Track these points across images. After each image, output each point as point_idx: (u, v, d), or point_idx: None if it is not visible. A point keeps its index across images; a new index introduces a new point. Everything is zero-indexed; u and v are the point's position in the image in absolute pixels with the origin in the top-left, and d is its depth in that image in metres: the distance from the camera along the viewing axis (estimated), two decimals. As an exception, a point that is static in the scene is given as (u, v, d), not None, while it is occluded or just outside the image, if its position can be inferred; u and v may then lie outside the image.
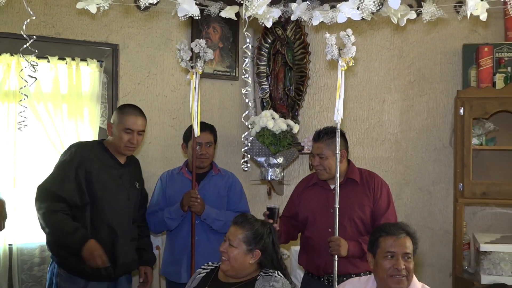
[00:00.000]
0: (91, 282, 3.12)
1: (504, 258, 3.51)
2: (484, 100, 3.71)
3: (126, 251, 3.18)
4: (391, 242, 2.51)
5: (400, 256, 2.48)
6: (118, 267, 3.14)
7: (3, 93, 3.49)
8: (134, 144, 3.22)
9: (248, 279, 2.69)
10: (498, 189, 3.72)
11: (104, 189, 3.12)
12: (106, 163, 3.19)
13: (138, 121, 3.22)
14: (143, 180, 3.45)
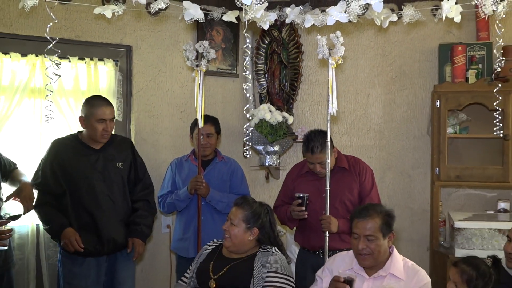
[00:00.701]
0: (87, 258, 3.12)
1: (475, 234, 3.52)
2: (458, 94, 3.70)
3: (109, 229, 3.13)
4: (356, 224, 2.52)
5: (362, 237, 2.48)
6: (105, 244, 3.12)
7: (29, 90, 3.48)
8: (109, 131, 3.18)
9: (249, 255, 2.70)
10: (470, 173, 3.72)
11: (78, 176, 3.10)
12: (80, 152, 3.16)
13: (108, 110, 3.17)
14: (133, 159, 3.33)
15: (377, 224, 2.47)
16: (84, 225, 3.09)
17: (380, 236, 2.47)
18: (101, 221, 3.11)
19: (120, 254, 3.26)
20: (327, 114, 3.01)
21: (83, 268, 3.12)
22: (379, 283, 2.49)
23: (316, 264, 3.04)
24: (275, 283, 2.54)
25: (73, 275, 3.13)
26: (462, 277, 2.30)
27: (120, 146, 3.31)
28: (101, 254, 3.15)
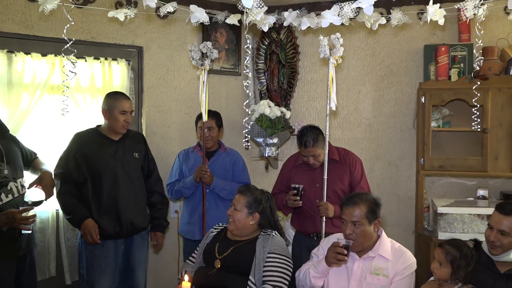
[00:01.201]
0: (107, 241, 3.14)
1: (456, 219, 3.52)
2: (441, 91, 3.69)
3: (128, 213, 3.15)
4: (344, 211, 2.54)
5: (349, 223, 2.49)
6: (124, 227, 3.14)
7: (49, 87, 3.48)
8: (129, 122, 3.22)
9: (251, 237, 2.72)
10: (452, 163, 3.72)
11: (100, 165, 3.11)
12: (101, 143, 3.17)
13: (128, 103, 3.21)
14: (146, 152, 3.35)
15: (362, 211, 2.48)
16: (105, 210, 3.10)
17: (366, 222, 2.48)
18: (121, 206, 3.13)
19: (136, 237, 3.27)
20: (326, 109, 3.03)
21: (103, 249, 3.13)
22: (369, 263, 2.50)
23: (310, 246, 3.05)
24: (275, 263, 2.55)
25: (94, 256, 3.14)
26: (446, 258, 2.31)
27: (135, 139, 3.33)
28: (120, 236, 3.17)
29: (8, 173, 2.90)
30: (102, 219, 3.09)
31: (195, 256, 2.83)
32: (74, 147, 3.14)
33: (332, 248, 2.46)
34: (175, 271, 3.97)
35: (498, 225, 2.34)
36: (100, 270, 3.14)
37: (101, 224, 3.08)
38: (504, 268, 2.36)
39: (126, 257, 3.27)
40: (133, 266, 3.28)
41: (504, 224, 2.32)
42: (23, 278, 3.05)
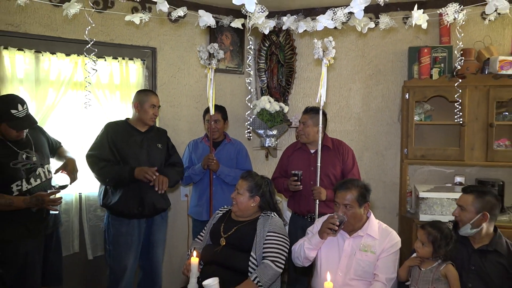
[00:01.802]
0: (132, 220, 3.16)
1: (436, 202, 3.52)
2: (424, 88, 3.68)
3: (151, 195, 3.17)
4: (337, 194, 2.54)
5: (341, 205, 2.49)
6: (146, 207, 3.16)
7: (72, 84, 3.47)
8: (157, 115, 3.29)
9: (252, 218, 2.73)
10: (432, 153, 3.72)
11: (127, 151, 3.14)
12: (129, 133, 3.21)
13: (156, 99, 3.27)
14: (167, 143, 3.38)
15: (354, 195, 2.48)
16: (131, 192, 3.12)
17: (356, 205, 2.48)
18: (144, 189, 3.14)
19: (157, 217, 3.30)
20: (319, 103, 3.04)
21: (129, 228, 3.17)
22: (358, 241, 2.51)
23: (304, 226, 3.06)
24: (274, 241, 2.56)
25: (120, 233, 3.17)
26: (428, 238, 2.31)
27: (158, 133, 3.37)
28: (143, 216, 3.19)
29: (36, 160, 2.92)
30: (127, 200, 3.12)
31: (203, 235, 2.84)
32: (106, 132, 3.18)
33: (327, 220, 2.47)
34: (185, 248, 3.99)
35: (459, 201, 2.41)
36: (126, 246, 3.18)
37: (127, 205, 3.11)
38: (477, 244, 2.38)
39: (147, 235, 3.30)
40: (154, 243, 3.32)
41: (461, 200, 2.39)
42: (50, 253, 3.07)
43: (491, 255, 2.33)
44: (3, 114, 2.74)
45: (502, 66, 3.48)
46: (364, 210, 2.52)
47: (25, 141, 2.90)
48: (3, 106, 2.75)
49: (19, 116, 2.77)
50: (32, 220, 2.88)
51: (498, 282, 2.27)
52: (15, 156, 2.82)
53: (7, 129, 2.77)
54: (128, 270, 3.21)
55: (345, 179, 2.74)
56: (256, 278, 2.46)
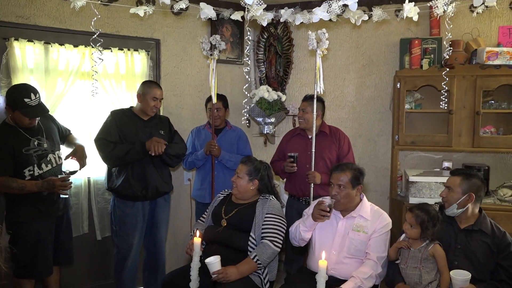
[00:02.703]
0: (136, 202, 3.19)
1: (425, 186, 3.54)
2: (414, 78, 3.67)
3: (154, 179, 3.19)
4: (332, 175, 2.56)
5: (335, 186, 2.51)
6: (149, 189, 3.18)
7: (80, 74, 3.44)
8: (158, 107, 3.27)
9: (252, 201, 2.74)
10: (422, 139, 3.72)
11: (131, 137, 3.15)
12: (133, 120, 3.22)
13: (159, 91, 3.24)
14: (170, 129, 3.37)
15: (348, 177, 2.50)
16: (136, 175, 3.15)
17: (350, 186, 2.50)
18: (148, 173, 3.16)
19: (160, 200, 3.32)
20: (314, 92, 3.04)
21: (133, 209, 3.20)
22: (351, 222, 2.53)
23: (300, 209, 3.09)
24: (272, 222, 2.58)
25: (126, 215, 3.20)
26: (416, 220, 2.33)
27: (161, 120, 3.37)
28: (146, 198, 3.21)
29: (47, 146, 2.93)
30: (133, 183, 3.13)
31: (205, 217, 2.86)
32: (114, 119, 3.20)
33: (317, 205, 2.48)
34: (188, 229, 4.01)
35: (447, 183, 2.42)
36: (131, 226, 3.21)
37: (132, 187, 3.13)
38: (463, 224, 2.40)
39: (151, 216, 3.32)
40: (157, 224, 3.34)
41: (449, 181, 2.40)
42: (61, 234, 3.09)
43: (476, 234, 2.35)
44: (17, 102, 2.74)
45: (489, 57, 3.47)
46: (356, 192, 2.54)
47: (36, 128, 2.90)
48: (17, 95, 2.76)
49: (32, 105, 2.77)
50: (43, 203, 2.90)
51: (482, 260, 2.29)
52: (27, 143, 2.83)
53: (20, 116, 2.78)
54: (133, 249, 3.25)
55: (341, 162, 2.75)
56: (256, 256, 2.49)
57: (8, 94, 2.80)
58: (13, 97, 2.77)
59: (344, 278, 2.39)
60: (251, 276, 2.52)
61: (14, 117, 2.80)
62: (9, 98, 2.78)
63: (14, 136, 2.80)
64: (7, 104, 2.80)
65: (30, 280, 3.00)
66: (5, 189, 2.76)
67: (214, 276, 2.40)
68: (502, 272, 2.27)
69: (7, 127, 2.82)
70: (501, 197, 3.51)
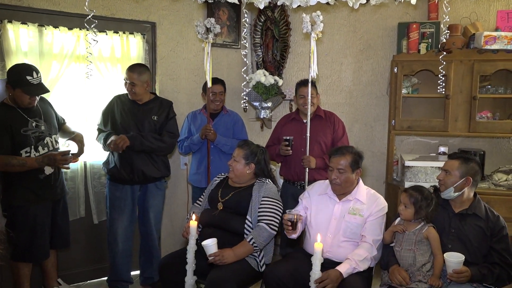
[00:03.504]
0: (125, 186, 3.22)
1: (420, 170, 3.55)
2: (412, 62, 3.66)
3: (140, 163, 3.19)
4: (332, 159, 2.56)
5: (335, 170, 2.51)
6: (135, 174, 3.19)
7: (75, 57, 3.40)
8: (131, 90, 3.18)
9: (248, 184, 2.75)
10: (418, 124, 3.73)
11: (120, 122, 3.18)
12: (127, 105, 3.23)
13: (130, 74, 3.17)
14: (167, 115, 3.33)
15: (347, 161, 2.50)
16: (123, 159, 3.16)
17: (349, 170, 2.50)
18: (135, 157, 3.17)
19: (151, 185, 3.33)
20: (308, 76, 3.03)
21: (122, 193, 3.24)
22: (347, 205, 2.54)
23: (295, 193, 3.11)
24: (268, 205, 2.59)
25: (115, 197, 3.25)
26: (410, 200, 2.35)
27: (161, 105, 3.33)
28: (134, 182, 3.23)
29: (45, 129, 2.94)
30: (120, 167, 3.17)
31: (202, 200, 2.87)
32: (108, 106, 3.24)
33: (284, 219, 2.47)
34: (185, 213, 4.02)
35: (445, 166, 2.41)
36: (119, 210, 3.25)
37: (120, 171, 3.17)
38: (458, 208, 2.41)
39: (142, 202, 3.35)
40: (147, 209, 3.37)
41: (447, 165, 2.40)
42: (58, 217, 3.11)
43: (470, 218, 2.37)
44: (19, 80, 2.77)
45: (487, 41, 3.45)
46: (356, 175, 2.55)
47: (35, 110, 2.92)
48: (19, 73, 2.78)
49: (33, 83, 2.80)
50: (40, 187, 2.91)
51: (476, 243, 2.32)
52: (25, 123, 2.84)
53: (21, 95, 2.80)
54: (122, 232, 3.28)
55: (340, 146, 2.75)
56: (252, 239, 2.50)
57: (10, 72, 2.83)
58: (15, 74, 2.79)
59: (340, 261, 2.41)
60: (247, 258, 2.54)
61: (15, 96, 2.81)
62: (10, 76, 2.81)
63: (12, 116, 2.81)
64: (8, 82, 2.82)
65: (27, 264, 3.02)
66: (5, 166, 2.76)
67: (211, 259, 2.42)
68: (495, 255, 2.30)
69: (6, 107, 2.84)
70: (496, 182, 3.53)
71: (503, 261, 2.29)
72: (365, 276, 2.40)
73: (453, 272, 2.17)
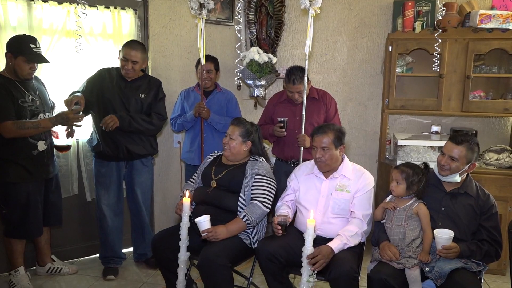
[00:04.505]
0: (111, 162, 3.24)
1: (413, 149, 3.57)
2: (406, 41, 3.63)
3: (124, 140, 3.18)
4: (314, 138, 2.58)
5: (319, 148, 2.52)
6: (120, 150, 3.19)
7: (65, 32, 3.35)
8: (129, 69, 3.14)
9: (242, 162, 2.75)
10: (412, 103, 3.73)
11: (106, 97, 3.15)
12: (114, 80, 3.20)
13: (132, 52, 3.12)
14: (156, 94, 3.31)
15: (330, 138, 2.51)
16: (106, 136, 3.15)
17: (333, 147, 2.52)
18: (118, 133, 3.15)
19: (136, 162, 3.34)
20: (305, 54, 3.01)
21: (107, 169, 3.26)
22: (334, 182, 2.57)
23: (288, 171, 3.12)
24: (261, 183, 2.61)
25: (101, 174, 3.27)
26: (401, 175, 2.37)
27: (149, 83, 3.30)
28: (119, 159, 3.23)
29: (39, 105, 2.96)
30: (104, 143, 3.17)
31: (195, 178, 2.87)
32: (94, 76, 3.21)
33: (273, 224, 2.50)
34: (179, 191, 4.03)
35: (449, 152, 2.38)
36: (105, 186, 3.27)
37: (104, 146, 3.17)
38: (449, 187, 2.44)
39: (129, 179, 3.37)
40: (134, 186, 3.39)
41: (454, 152, 2.36)
42: (51, 194, 3.12)
43: (461, 197, 2.40)
44: (22, 47, 2.79)
45: (482, 20, 3.43)
46: (340, 152, 2.56)
47: (31, 85, 2.93)
48: (23, 41, 2.82)
49: (36, 52, 2.83)
50: (33, 164, 2.91)
51: (465, 221, 2.35)
52: (22, 95, 2.86)
53: (22, 64, 2.81)
54: (109, 209, 3.31)
55: (321, 124, 2.76)
56: (245, 216, 2.53)
57: (12, 41, 2.83)
58: (18, 43, 2.81)
59: (331, 237, 2.44)
60: (240, 235, 2.57)
61: (15, 65, 2.82)
62: (12, 44, 2.82)
63: (11, 87, 2.82)
64: (9, 50, 2.82)
65: (20, 240, 3.04)
66: (20, 130, 2.78)
67: (204, 235, 2.44)
68: (484, 232, 2.34)
69: (3, 78, 2.84)
70: (487, 161, 3.57)
71: (492, 238, 2.33)
72: (356, 252, 2.44)
73: (443, 248, 2.21)
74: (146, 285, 3.23)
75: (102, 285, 3.23)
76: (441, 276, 2.20)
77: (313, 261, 2.23)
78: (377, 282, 2.19)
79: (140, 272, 3.45)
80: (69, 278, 3.31)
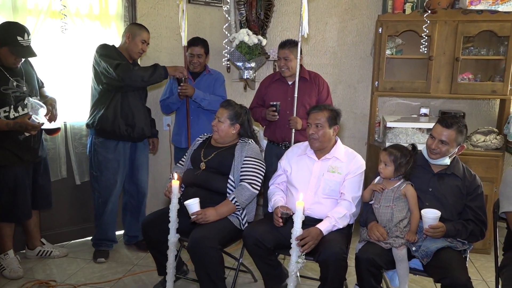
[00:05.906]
0: (120, 142, 3.19)
1: (402, 132, 3.59)
2: (396, 22, 3.62)
3: (139, 120, 3.21)
4: (310, 116, 2.60)
5: (313, 125, 2.54)
6: (135, 131, 3.20)
7: (51, 12, 3.27)
8: (145, 50, 3.22)
9: (231, 144, 2.74)
10: (401, 86, 3.73)
11: None
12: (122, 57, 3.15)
13: (148, 35, 3.22)
14: None
15: (325, 116, 2.53)
16: (125, 116, 3.15)
17: (327, 125, 2.53)
18: (136, 112, 3.19)
19: (140, 144, 3.35)
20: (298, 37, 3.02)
21: (116, 154, 3.22)
22: (326, 163, 2.58)
23: (279, 153, 3.12)
24: (250, 165, 2.60)
25: (108, 160, 3.21)
26: (389, 157, 2.39)
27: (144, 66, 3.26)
28: (131, 138, 3.22)
29: (26, 90, 2.89)
30: (120, 121, 3.13)
31: (184, 160, 2.86)
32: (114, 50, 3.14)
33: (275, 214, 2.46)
34: (169, 173, 4.02)
35: (439, 135, 2.38)
36: (113, 171, 3.24)
37: (119, 125, 3.13)
38: (437, 169, 2.46)
39: (131, 161, 3.36)
40: (138, 167, 3.40)
41: (444, 135, 2.37)
42: (39, 177, 3.10)
43: (448, 178, 2.42)
44: (8, 38, 2.69)
45: (472, 1, 3.43)
46: (333, 132, 2.58)
47: (17, 70, 2.85)
48: (11, 31, 2.71)
49: (23, 44, 2.73)
50: (19, 148, 2.88)
51: (451, 201, 2.38)
52: (5, 82, 2.78)
53: (7, 54, 2.73)
54: (115, 193, 3.28)
55: (318, 104, 2.77)
56: (234, 198, 2.53)
57: (0, 28, 2.73)
58: (6, 32, 2.71)
59: (320, 218, 2.46)
60: (229, 217, 2.57)
61: (0, 54, 2.73)
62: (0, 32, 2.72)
63: None
64: None
65: (9, 224, 3.03)
66: None
67: (193, 217, 2.44)
68: (470, 212, 2.37)
69: None
70: (474, 143, 3.60)
71: (477, 218, 2.36)
72: (344, 233, 2.46)
73: (429, 227, 2.24)
74: (136, 267, 3.25)
75: (92, 267, 3.23)
76: (427, 255, 2.24)
77: (302, 243, 2.25)
78: (364, 262, 2.22)
79: (131, 255, 3.46)
80: (59, 261, 3.31)
